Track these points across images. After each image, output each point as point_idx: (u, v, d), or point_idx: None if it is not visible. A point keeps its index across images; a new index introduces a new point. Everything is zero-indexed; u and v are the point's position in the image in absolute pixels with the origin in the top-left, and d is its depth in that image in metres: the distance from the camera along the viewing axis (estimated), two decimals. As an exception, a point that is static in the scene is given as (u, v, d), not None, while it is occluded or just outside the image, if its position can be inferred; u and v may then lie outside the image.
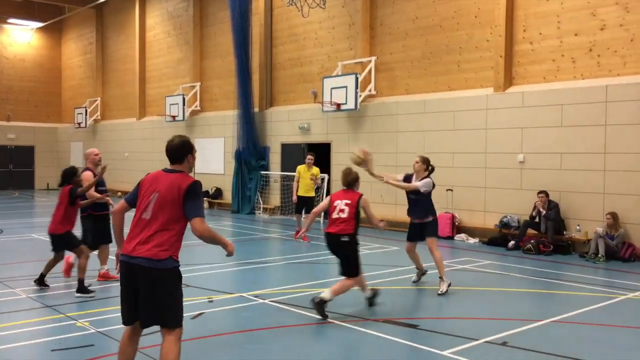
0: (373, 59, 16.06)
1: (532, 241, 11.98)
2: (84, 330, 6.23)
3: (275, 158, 19.20)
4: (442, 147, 14.39)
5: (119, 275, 4.40)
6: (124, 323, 4.37)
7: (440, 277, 8.21)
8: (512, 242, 12.39)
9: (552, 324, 6.71)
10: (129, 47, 26.20)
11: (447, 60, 14.63)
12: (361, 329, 6.39)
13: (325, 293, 6.85)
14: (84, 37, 29.56)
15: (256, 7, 19.23)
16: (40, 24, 29.45)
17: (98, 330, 6.19)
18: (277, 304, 7.43)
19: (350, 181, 7.25)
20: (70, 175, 7.96)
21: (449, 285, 8.21)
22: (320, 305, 6.77)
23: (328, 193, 16.29)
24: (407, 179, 8.52)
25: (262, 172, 19.16)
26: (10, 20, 28.95)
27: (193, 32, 22.41)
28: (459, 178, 14.11)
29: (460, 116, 14.15)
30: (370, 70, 16.07)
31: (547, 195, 12.17)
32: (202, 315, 6.87)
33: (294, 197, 13.51)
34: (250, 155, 19.11)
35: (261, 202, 19.10)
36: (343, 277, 7.07)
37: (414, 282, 8.81)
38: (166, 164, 4.58)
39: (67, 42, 31.15)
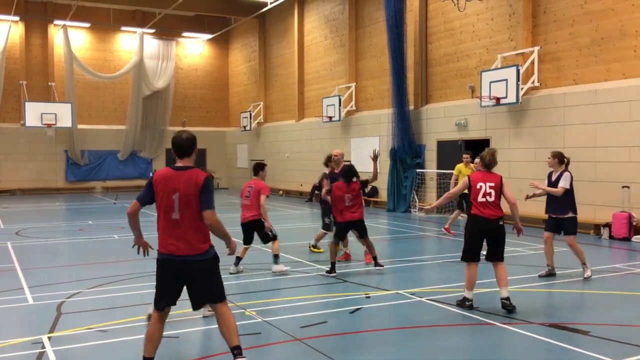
0: (536, 49, 15.17)
1: None
2: (251, 319, 6.61)
3: (431, 156, 18.92)
4: (617, 141, 13.18)
5: None
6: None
7: (584, 264, 8.60)
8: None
9: None
10: (289, 52, 27.41)
11: (622, 46, 13.37)
12: (523, 332, 6.05)
13: (504, 291, 6.73)
14: (248, 45, 31.49)
15: (411, 5, 19.11)
16: (210, 36, 31.94)
17: (264, 319, 6.54)
18: (434, 302, 7.30)
19: (494, 162, 7.00)
20: None
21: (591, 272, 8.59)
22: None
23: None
24: (548, 177, 8.72)
25: (418, 170, 18.99)
26: (185, 34, 31.75)
27: (348, 34, 22.85)
28: (636, 174, 12.83)
29: (637, 106, 12.86)
30: (532, 61, 15.20)
31: None
32: (360, 311, 6.96)
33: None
34: (405, 154, 19.05)
35: (417, 201, 18.94)
36: (498, 263, 6.91)
37: (540, 276, 8.74)
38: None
39: (234, 51, 33.41)
